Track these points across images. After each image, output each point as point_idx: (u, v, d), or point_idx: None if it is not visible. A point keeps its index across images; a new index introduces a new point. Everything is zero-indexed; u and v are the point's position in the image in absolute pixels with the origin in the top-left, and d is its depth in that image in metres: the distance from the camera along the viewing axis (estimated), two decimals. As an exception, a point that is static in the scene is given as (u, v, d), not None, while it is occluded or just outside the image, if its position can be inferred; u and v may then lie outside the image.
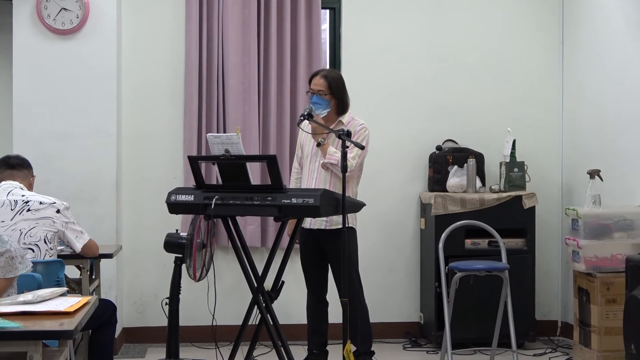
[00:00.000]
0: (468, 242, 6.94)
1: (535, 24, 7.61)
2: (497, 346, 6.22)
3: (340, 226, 5.04)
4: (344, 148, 5.07)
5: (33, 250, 5.03)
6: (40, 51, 6.76)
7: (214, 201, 4.99)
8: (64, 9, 6.72)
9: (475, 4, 7.57)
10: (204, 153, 6.99)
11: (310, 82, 5.95)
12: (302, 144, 6.08)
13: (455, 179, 7.14)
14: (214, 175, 6.69)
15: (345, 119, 5.91)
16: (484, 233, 6.33)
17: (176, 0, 7.20)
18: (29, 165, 5.43)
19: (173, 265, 5.09)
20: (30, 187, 5.37)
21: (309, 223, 5.87)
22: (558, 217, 7.50)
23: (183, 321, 5.30)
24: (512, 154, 7.16)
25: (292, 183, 6.14)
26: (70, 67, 6.78)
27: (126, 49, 7.13)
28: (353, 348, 5.71)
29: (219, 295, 5.27)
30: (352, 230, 5.87)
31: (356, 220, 5.94)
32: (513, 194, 7.04)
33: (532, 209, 7.07)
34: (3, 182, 5.23)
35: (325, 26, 7.57)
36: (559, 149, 7.56)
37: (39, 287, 4.19)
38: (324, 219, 5.77)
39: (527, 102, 7.57)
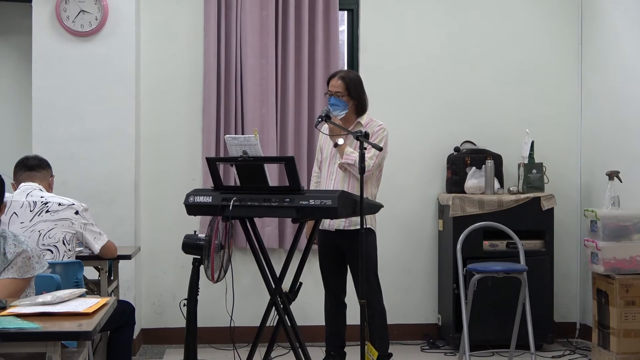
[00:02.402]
0: (486, 244, 6.92)
1: (554, 25, 7.59)
2: (515, 348, 6.20)
3: (359, 227, 5.04)
4: (362, 149, 5.06)
5: (52, 252, 5.05)
6: (59, 53, 6.79)
7: (232, 202, 4.99)
8: (83, 11, 6.75)
9: (493, 6, 7.56)
10: (222, 154, 7.00)
11: (328, 83, 5.94)
12: (321, 147, 6.08)
13: (474, 180, 7.13)
14: (232, 177, 6.70)
15: (364, 120, 5.90)
16: (502, 235, 6.31)
17: (194, 2, 7.22)
18: (47, 165, 5.44)
19: (191, 266, 5.10)
20: (49, 187, 5.38)
21: (327, 224, 5.87)
22: (577, 218, 7.48)
23: (201, 322, 5.30)
24: (531, 156, 7.14)
25: (312, 187, 6.13)
26: (89, 68, 6.80)
27: (145, 51, 7.16)
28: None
29: (236, 297, 5.28)
30: (371, 232, 5.86)
31: (375, 222, 5.93)
32: (531, 195, 7.02)
33: (551, 210, 7.05)
34: (22, 184, 5.25)
35: (343, 27, 7.57)
36: (577, 150, 7.54)
37: (58, 288, 4.21)
38: (343, 219, 5.76)
39: (546, 104, 7.56)
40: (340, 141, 5.68)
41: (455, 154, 7.30)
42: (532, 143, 7.14)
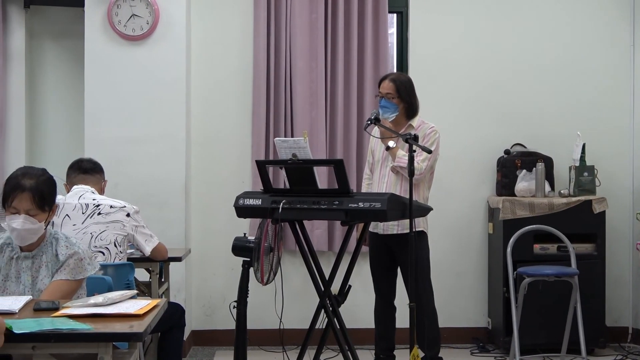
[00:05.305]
0: (537, 247, 6.86)
1: (606, 26, 7.51)
2: (566, 352, 6.16)
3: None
4: (411, 152, 5.06)
5: (103, 254, 5.10)
6: (111, 57, 6.86)
7: (281, 205, 5.00)
8: (135, 15, 6.81)
9: (544, 7, 7.50)
10: (271, 157, 7.02)
11: (379, 86, 5.94)
12: (373, 149, 6.07)
13: (524, 183, 7.08)
14: (281, 180, 6.72)
15: (415, 122, 5.89)
16: (553, 238, 6.27)
17: (244, 5, 7.26)
18: (101, 169, 5.50)
19: (241, 268, 5.12)
20: (101, 192, 5.44)
21: (381, 228, 5.86)
22: (629, 222, 7.40)
23: (251, 324, 5.32)
24: (582, 158, 7.07)
25: (363, 188, 6.14)
26: (140, 72, 6.86)
27: (195, 55, 7.21)
28: (421, 354, 5.70)
29: (286, 299, 5.29)
30: (423, 235, 5.85)
31: (427, 224, 5.91)
32: (583, 198, 6.95)
33: (602, 213, 6.97)
34: (75, 187, 5.31)
35: (392, 30, 7.56)
36: (629, 152, 7.46)
37: (109, 289, 4.24)
38: (395, 223, 5.75)
39: (597, 106, 7.48)
40: (392, 144, 5.67)
41: (505, 156, 7.26)
42: (584, 146, 7.07)
